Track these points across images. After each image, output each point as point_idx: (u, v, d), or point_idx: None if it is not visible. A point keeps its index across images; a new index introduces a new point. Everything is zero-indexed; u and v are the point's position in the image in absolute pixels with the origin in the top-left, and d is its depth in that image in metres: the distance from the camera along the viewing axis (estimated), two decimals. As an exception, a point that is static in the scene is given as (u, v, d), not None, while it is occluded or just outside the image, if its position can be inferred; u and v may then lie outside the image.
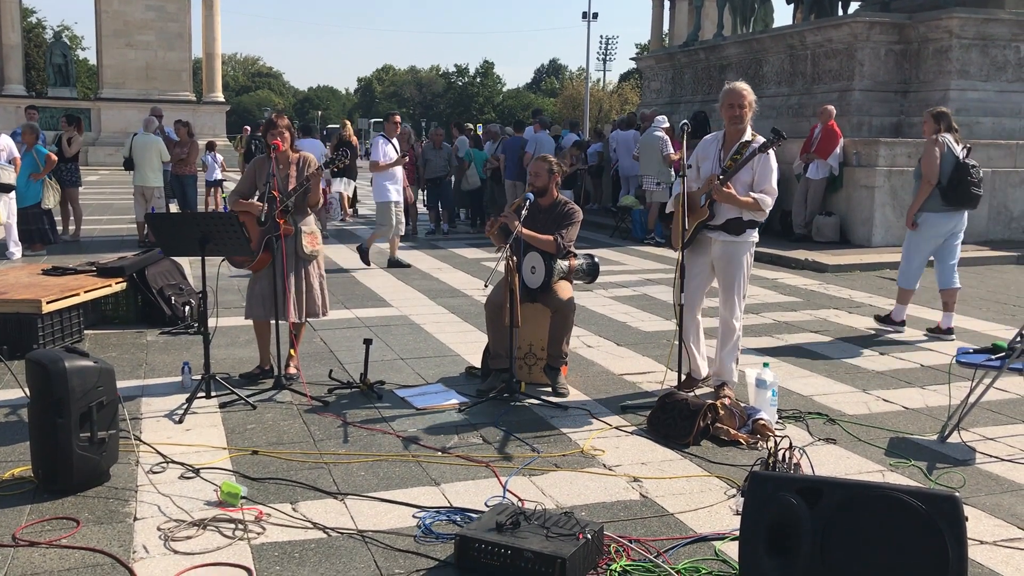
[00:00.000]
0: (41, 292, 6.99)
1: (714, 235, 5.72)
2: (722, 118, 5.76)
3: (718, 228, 5.69)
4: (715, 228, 5.70)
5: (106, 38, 36.28)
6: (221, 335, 7.42)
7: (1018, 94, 14.84)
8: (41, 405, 4.25)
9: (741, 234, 5.69)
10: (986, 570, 3.63)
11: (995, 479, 4.62)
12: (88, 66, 60.75)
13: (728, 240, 5.71)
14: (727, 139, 5.77)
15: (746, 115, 5.67)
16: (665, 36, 30.16)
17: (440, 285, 10.43)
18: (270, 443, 5.01)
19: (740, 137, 5.69)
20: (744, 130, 5.70)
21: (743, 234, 5.70)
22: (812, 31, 16.20)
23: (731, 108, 5.66)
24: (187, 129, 15.51)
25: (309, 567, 3.60)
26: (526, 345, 6.19)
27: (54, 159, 12.61)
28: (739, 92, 5.67)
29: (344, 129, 17.70)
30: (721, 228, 5.69)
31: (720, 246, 5.73)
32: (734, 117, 5.67)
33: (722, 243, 5.72)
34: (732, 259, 5.73)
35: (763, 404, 5.31)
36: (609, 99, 69.80)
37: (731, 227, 5.68)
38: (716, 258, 5.77)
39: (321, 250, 6.27)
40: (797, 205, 13.78)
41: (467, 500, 4.24)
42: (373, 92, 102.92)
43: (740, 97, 5.65)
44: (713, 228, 5.70)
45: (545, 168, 6.15)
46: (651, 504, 4.25)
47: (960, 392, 5.48)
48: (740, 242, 5.71)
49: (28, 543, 3.76)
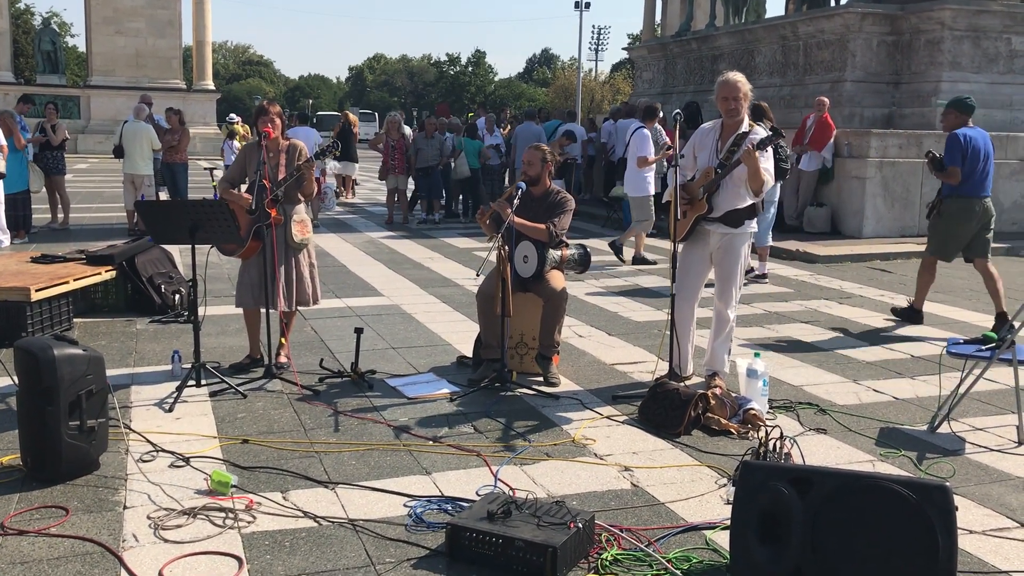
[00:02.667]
0: (30, 280, 6.95)
1: (712, 227, 5.71)
2: (719, 110, 5.73)
3: (717, 220, 5.68)
4: (714, 220, 5.69)
5: (96, 25, 36.01)
6: (211, 323, 7.39)
7: (1009, 86, 14.88)
8: (30, 393, 4.22)
9: (740, 226, 5.69)
10: (975, 559, 3.64)
11: (984, 469, 4.64)
12: (77, 53, 60.29)
13: (727, 232, 5.69)
14: (724, 130, 5.73)
15: (742, 107, 5.64)
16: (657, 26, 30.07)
17: (431, 274, 10.41)
18: (260, 432, 5.00)
19: (738, 128, 5.66)
20: (741, 121, 5.67)
21: (742, 226, 5.70)
22: (804, 22, 16.21)
23: (726, 101, 5.61)
24: (178, 117, 15.42)
25: (300, 556, 3.59)
26: (517, 335, 6.18)
27: (23, 142, 12.57)
28: (733, 84, 5.61)
29: (346, 117, 18.97)
30: (720, 220, 5.67)
31: (719, 238, 5.72)
32: (730, 110, 5.62)
33: (721, 235, 5.71)
34: (730, 251, 5.72)
35: (754, 394, 5.31)
36: (601, 89, 69.64)
37: (730, 219, 5.66)
38: (715, 250, 5.76)
39: (311, 238, 6.24)
40: (788, 196, 13.77)
41: (458, 489, 4.23)
42: (364, 81, 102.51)
43: (734, 89, 5.60)
44: (712, 220, 5.69)
45: (538, 157, 6.13)
46: (642, 493, 4.25)
47: (950, 382, 5.50)
48: (739, 233, 5.70)
49: (17, 532, 3.74)
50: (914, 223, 13.20)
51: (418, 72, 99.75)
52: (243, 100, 75.27)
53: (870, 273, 10.86)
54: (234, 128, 19.79)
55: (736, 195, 5.60)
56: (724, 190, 5.62)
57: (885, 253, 12.00)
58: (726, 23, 20.39)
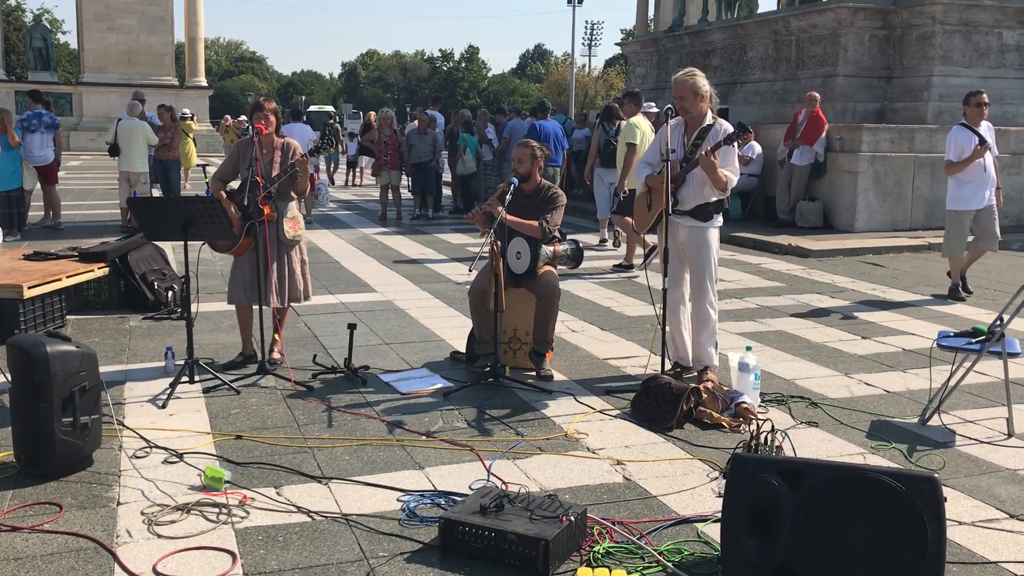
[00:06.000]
0: (23, 277, 6.94)
1: (681, 220, 5.75)
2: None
3: (685, 214, 5.73)
4: (682, 214, 5.73)
5: (87, 21, 35.90)
6: (204, 320, 7.40)
7: (1000, 80, 14.91)
8: (23, 390, 4.22)
9: (708, 220, 5.75)
10: (964, 550, 3.67)
11: (974, 461, 4.67)
12: (69, 50, 60.10)
13: (695, 225, 5.75)
14: (688, 125, 5.80)
15: (692, 105, 5.69)
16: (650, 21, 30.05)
17: (425, 270, 10.42)
18: (254, 428, 5.00)
19: (701, 123, 5.72)
20: (702, 116, 5.74)
21: (710, 219, 5.76)
22: (796, 16, 16.22)
23: (678, 100, 5.72)
24: (170, 114, 15.43)
25: (293, 551, 3.60)
26: (510, 330, 6.20)
27: (17, 140, 12.60)
28: (680, 82, 5.70)
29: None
30: (688, 214, 5.73)
31: (687, 231, 5.77)
32: (681, 108, 5.73)
33: (689, 228, 5.76)
34: (700, 243, 5.76)
35: (746, 388, 5.34)
36: (595, 84, 69.63)
37: (698, 213, 5.73)
38: (684, 243, 5.80)
39: (303, 235, 6.25)
40: (781, 191, 13.82)
41: (451, 483, 4.25)
42: (357, 77, 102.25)
43: (681, 87, 5.68)
44: (680, 214, 5.73)
45: (528, 154, 6.15)
46: (634, 487, 4.27)
47: (941, 375, 5.53)
48: (707, 227, 5.77)
49: (10, 528, 3.74)
50: (906, 217, 13.25)
51: (411, 68, 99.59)
52: (236, 97, 75.06)
53: (862, 267, 10.89)
54: (187, 124, 19.86)
55: (702, 189, 5.68)
56: (690, 185, 5.70)
57: (877, 247, 12.03)
58: (718, 18, 20.39)
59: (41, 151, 13.32)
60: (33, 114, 13.36)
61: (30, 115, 13.37)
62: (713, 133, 5.63)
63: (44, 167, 13.43)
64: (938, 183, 13.40)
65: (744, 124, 5.64)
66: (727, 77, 17.84)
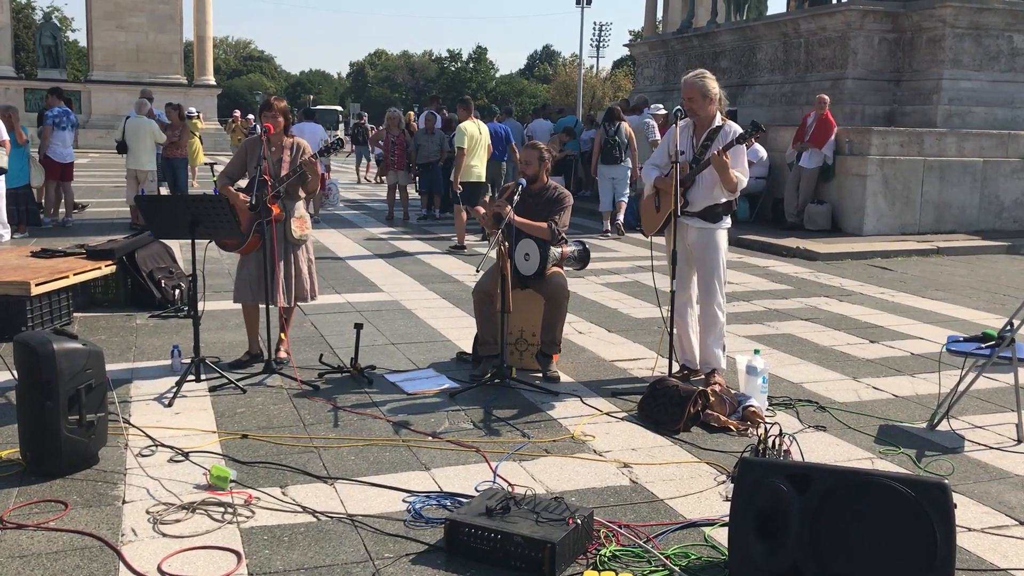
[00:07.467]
0: (30, 274, 6.95)
1: (690, 222, 5.74)
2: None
3: (694, 215, 5.71)
4: (691, 215, 5.71)
5: (96, 20, 35.95)
6: (211, 319, 7.40)
7: (1011, 84, 14.85)
8: (29, 387, 4.22)
9: (717, 221, 5.73)
10: (974, 557, 3.64)
11: (983, 467, 4.64)
12: (78, 48, 60.25)
13: (704, 227, 5.73)
14: (697, 127, 5.79)
15: (701, 107, 5.68)
16: (659, 23, 30.00)
17: (431, 270, 10.41)
18: (260, 427, 5.00)
19: (710, 124, 5.71)
20: (712, 117, 5.72)
21: (719, 221, 5.74)
22: (806, 19, 16.18)
23: (687, 101, 5.72)
24: (178, 112, 15.45)
25: (299, 551, 3.59)
26: (517, 331, 6.18)
27: (25, 137, 12.65)
28: (689, 84, 5.70)
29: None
30: (697, 215, 5.71)
31: (696, 233, 5.75)
32: (690, 110, 5.73)
33: (698, 230, 5.74)
34: (708, 244, 5.75)
35: (753, 391, 5.31)
36: (603, 86, 69.54)
37: (707, 215, 5.71)
38: (692, 245, 5.78)
39: (310, 234, 6.24)
40: (789, 194, 13.78)
41: (457, 485, 4.23)
42: (365, 77, 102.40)
43: (690, 89, 5.68)
44: (689, 215, 5.71)
45: (535, 155, 6.14)
46: (641, 490, 4.25)
47: (950, 380, 5.50)
48: (716, 228, 5.75)
49: (16, 526, 3.74)
50: (915, 221, 13.20)
51: (419, 68, 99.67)
52: (244, 96, 75.21)
53: (870, 271, 10.85)
54: (192, 123, 19.84)
55: (712, 191, 5.66)
56: (699, 186, 5.68)
57: (886, 251, 11.99)
58: (727, 20, 20.35)
59: (66, 148, 13.39)
60: (61, 111, 13.44)
61: (59, 112, 13.43)
62: (723, 134, 5.62)
63: (65, 164, 13.49)
64: (947, 187, 13.38)
65: (757, 122, 5.62)
66: (736, 79, 17.80)
